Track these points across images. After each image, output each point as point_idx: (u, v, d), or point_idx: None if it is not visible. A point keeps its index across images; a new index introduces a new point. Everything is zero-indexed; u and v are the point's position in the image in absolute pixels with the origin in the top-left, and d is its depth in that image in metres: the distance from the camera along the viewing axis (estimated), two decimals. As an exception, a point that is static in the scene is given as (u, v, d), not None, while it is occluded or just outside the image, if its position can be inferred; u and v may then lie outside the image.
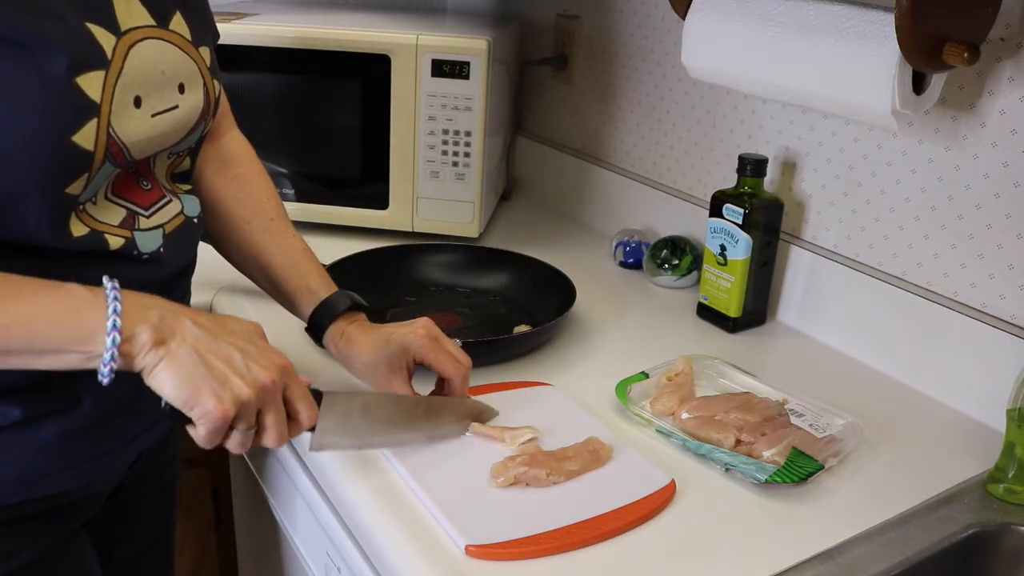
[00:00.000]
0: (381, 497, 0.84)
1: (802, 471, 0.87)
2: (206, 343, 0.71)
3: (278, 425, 0.75)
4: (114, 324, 0.67)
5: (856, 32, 0.95)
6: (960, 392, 1.04)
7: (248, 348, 0.74)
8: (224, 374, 0.71)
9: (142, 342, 0.69)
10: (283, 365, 0.75)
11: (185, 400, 0.70)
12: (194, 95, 0.84)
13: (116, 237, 0.78)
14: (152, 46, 0.78)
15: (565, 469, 0.86)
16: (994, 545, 0.86)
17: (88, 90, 0.71)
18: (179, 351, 0.70)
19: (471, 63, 1.33)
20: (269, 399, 0.74)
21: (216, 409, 0.70)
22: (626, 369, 1.04)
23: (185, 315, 0.72)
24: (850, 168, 1.14)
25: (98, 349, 0.67)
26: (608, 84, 1.51)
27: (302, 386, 0.78)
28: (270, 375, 0.73)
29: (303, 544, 1.06)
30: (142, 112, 0.77)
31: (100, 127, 0.72)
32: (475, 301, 1.26)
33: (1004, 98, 0.97)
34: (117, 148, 0.75)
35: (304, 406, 0.77)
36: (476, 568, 0.76)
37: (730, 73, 1.11)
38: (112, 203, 0.79)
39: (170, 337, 0.70)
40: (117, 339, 0.67)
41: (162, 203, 0.84)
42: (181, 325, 0.71)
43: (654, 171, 1.46)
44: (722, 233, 1.18)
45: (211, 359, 0.71)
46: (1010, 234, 0.98)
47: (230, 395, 0.70)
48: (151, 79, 0.77)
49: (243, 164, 1.04)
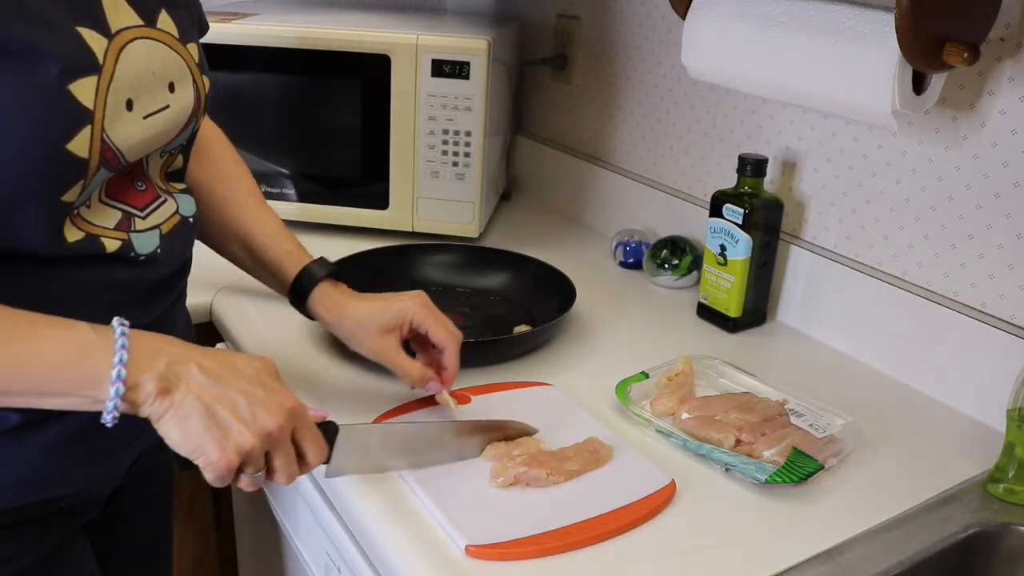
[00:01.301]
0: (381, 497, 0.84)
1: (802, 471, 0.87)
2: (212, 391, 0.70)
3: (287, 467, 0.74)
4: (119, 374, 0.66)
5: (856, 32, 0.95)
6: (960, 392, 1.04)
7: (255, 393, 0.72)
8: (228, 424, 0.70)
9: (147, 392, 0.68)
10: (291, 408, 0.73)
11: (190, 451, 0.70)
12: (184, 93, 0.83)
13: (112, 240, 0.77)
14: (142, 46, 0.77)
15: (565, 469, 0.86)
16: (994, 545, 0.86)
17: (81, 97, 0.69)
18: (184, 402, 0.69)
19: (471, 63, 1.33)
20: (276, 444, 0.73)
21: (220, 460, 0.69)
22: (626, 369, 1.04)
23: (193, 360, 0.71)
24: (850, 168, 1.14)
25: (102, 395, 0.67)
26: (608, 84, 1.51)
27: (311, 426, 0.76)
28: (276, 421, 0.71)
29: (303, 544, 1.06)
30: (134, 115, 0.76)
31: (94, 133, 0.71)
32: (475, 301, 1.26)
33: (1004, 98, 0.97)
34: (112, 153, 0.74)
35: (312, 448, 0.76)
36: (476, 568, 0.76)
37: (730, 73, 1.11)
38: (106, 206, 0.78)
39: (175, 386, 0.69)
40: (121, 389, 0.66)
41: (157, 203, 0.83)
42: (188, 372, 0.70)
43: (654, 171, 1.46)
44: (722, 233, 1.18)
45: (216, 408, 0.69)
46: (1010, 234, 0.98)
47: (234, 445, 0.70)
48: (142, 80, 0.76)
49: (214, 146, 1.04)
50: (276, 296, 1.22)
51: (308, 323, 1.16)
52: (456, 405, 0.94)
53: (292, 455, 0.75)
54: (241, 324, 1.16)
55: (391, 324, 0.93)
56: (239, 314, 1.18)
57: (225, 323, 1.18)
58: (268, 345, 1.11)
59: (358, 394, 1.01)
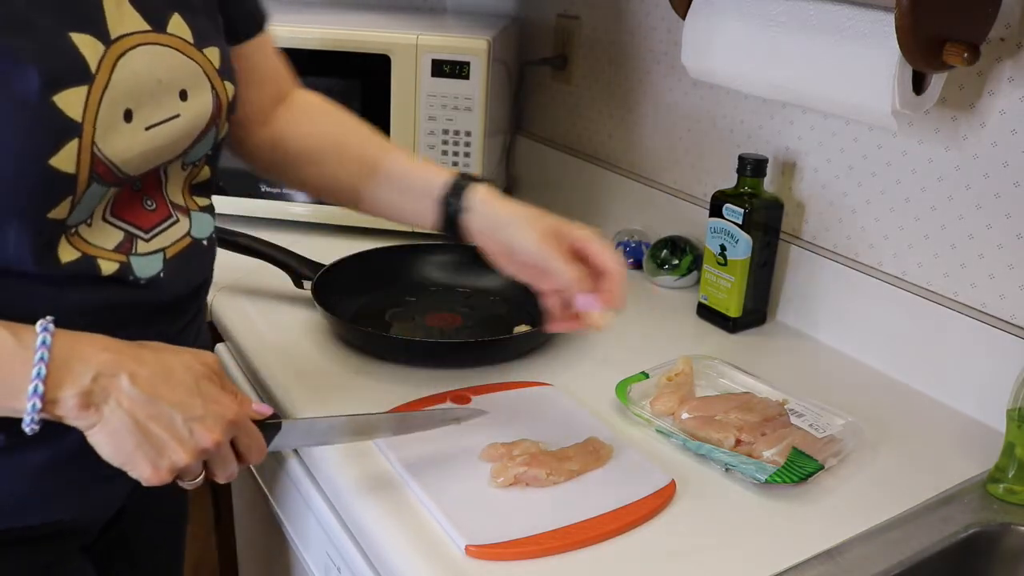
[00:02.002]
0: (381, 497, 0.84)
1: (802, 471, 0.87)
2: (144, 407, 0.66)
3: (224, 472, 0.73)
4: (35, 389, 0.63)
5: (856, 32, 0.95)
6: (960, 392, 1.04)
7: (192, 406, 0.68)
8: (162, 442, 0.67)
9: (68, 407, 0.65)
10: (231, 420, 0.71)
11: (120, 464, 0.68)
12: (199, 101, 0.78)
13: (109, 262, 0.73)
14: (146, 53, 0.72)
15: (565, 469, 0.86)
16: (994, 545, 0.86)
17: (67, 109, 0.65)
18: (112, 418, 0.66)
19: (471, 63, 1.33)
20: (213, 456, 0.71)
21: (152, 477, 0.68)
22: (626, 369, 1.04)
23: (125, 370, 0.66)
24: (850, 168, 1.14)
25: (21, 408, 0.64)
26: (608, 84, 1.51)
27: (250, 432, 0.74)
28: (213, 437, 0.69)
29: (303, 544, 1.06)
30: (133, 126, 0.71)
31: (82, 147, 0.67)
32: (475, 301, 1.26)
33: (1004, 98, 0.97)
34: (104, 167, 0.69)
35: (251, 453, 0.74)
36: (476, 568, 0.76)
37: (730, 73, 1.11)
38: (109, 224, 0.74)
39: (102, 401, 0.66)
40: (38, 404, 0.64)
41: (166, 224, 0.79)
42: (117, 386, 0.66)
43: (654, 171, 1.45)
44: (722, 233, 1.18)
45: (148, 426, 0.66)
46: (1010, 234, 0.98)
47: (167, 463, 0.68)
48: (145, 89, 0.72)
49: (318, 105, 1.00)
50: (278, 299, 1.22)
51: (308, 323, 1.16)
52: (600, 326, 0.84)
53: (230, 459, 0.72)
54: (241, 324, 1.16)
55: (559, 229, 0.85)
56: (239, 314, 1.18)
57: (225, 323, 1.18)
58: (268, 345, 1.11)
59: (357, 394, 1.01)
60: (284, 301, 1.22)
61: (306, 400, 0.99)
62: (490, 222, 0.87)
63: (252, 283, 1.25)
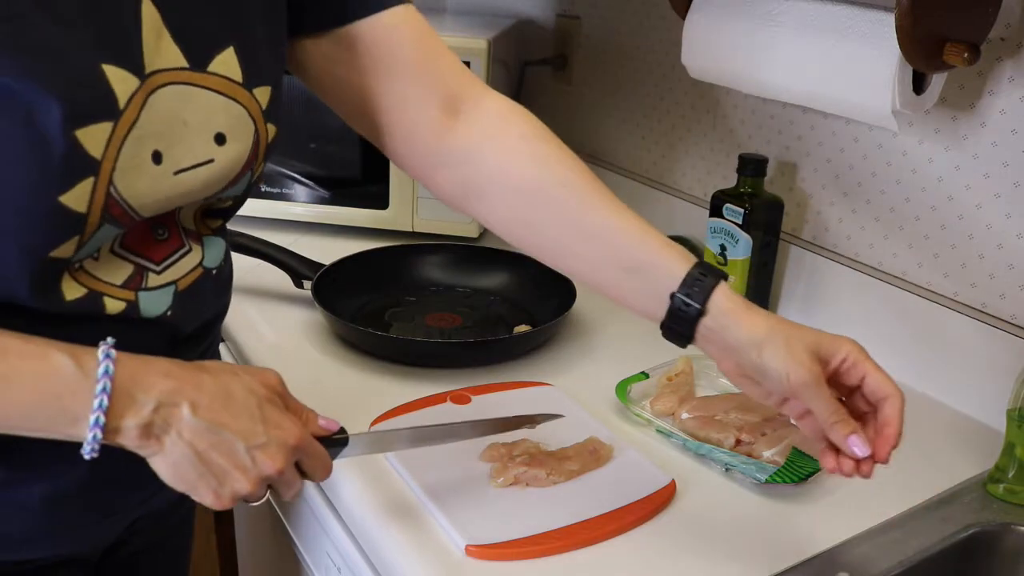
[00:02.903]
0: (381, 497, 0.84)
1: (802, 471, 0.87)
2: (205, 437, 0.64)
3: (289, 492, 0.70)
4: (97, 420, 0.61)
5: (856, 32, 0.95)
6: (960, 392, 1.04)
7: (255, 433, 0.66)
8: (223, 471, 0.65)
9: (129, 437, 0.63)
10: (294, 446, 0.68)
11: (184, 490, 0.66)
12: (237, 146, 0.71)
13: (116, 300, 0.69)
14: (175, 93, 0.66)
15: (565, 469, 0.86)
16: (994, 545, 0.86)
17: (88, 145, 0.60)
18: (174, 449, 0.64)
19: (471, 63, 1.33)
20: (275, 481, 0.69)
21: (215, 504, 0.67)
22: (626, 369, 1.04)
23: (186, 398, 0.64)
24: (850, 168, 1.14)
25: (81, 436, 0.61)
26: (608, 84, 1.51)
27: (316, 453, 0.71)
28: (276, 465, 0.66)
29: (303, 544, 1.06)
30: (163, 169, 0.66)
31: (98, 186, 0.62)
32: (475, 301, 1.26)
33: (1004, 98, 0.97)
34: (120, 209, 0.64)
35: (317, 473, 0.71)
36: (476, 568, 0.76)
37: (730, 73, 1.11)
38: (118, 258, 0.69)
39: (164, 432, 0.63)
40: (99, 435, 0.61)
41: (179, 254, 0.74)
42: (178, 416, 0.63)
43: (654, 171, 1.46)
44: (722, 233, 1.18)
45: (210, 455, 0.64)
46: (1010, 234, 0.98)
47: (229, 491, 0.66)
48: (174, 131, 0.66)
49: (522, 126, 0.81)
50: (278, 299, 1.22)
51: (309, 325, 1.16)
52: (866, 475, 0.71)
53: (295, 481, 0.70)
54: (241, 324, 1.16)
55: (827, 352, 0.69)
56: (239, 314, 1.18)
57: (225, 323, 1.17)
58: (268, 346, 1.11)
59: (358, 395, 1.01)
60: (284, 301, 1.22)
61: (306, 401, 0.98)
62: (733, 339, 0.71)
63: (252, 283, 1.25)
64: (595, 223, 0.76)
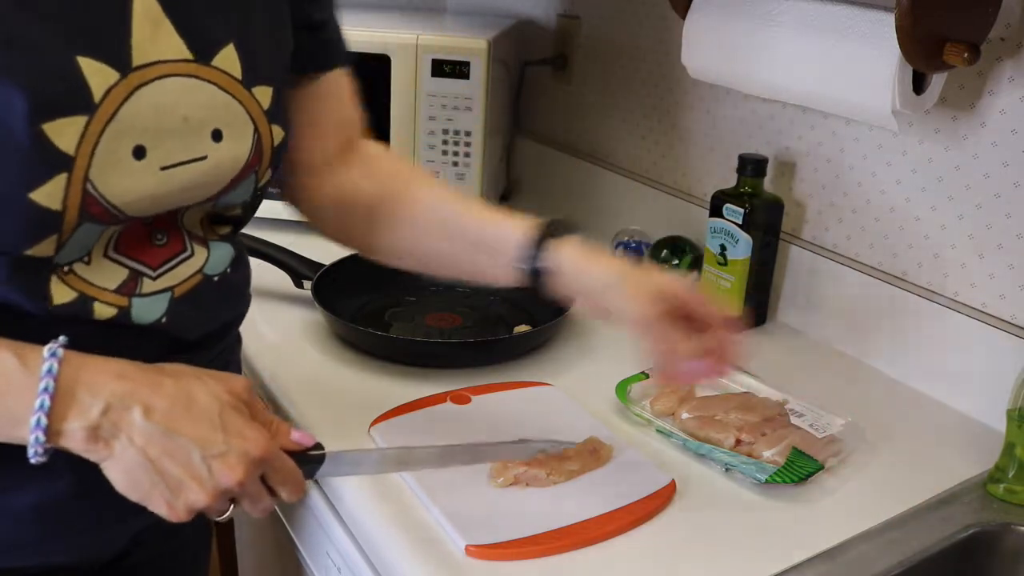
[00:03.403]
0: (381, 497, 0.84)
1: (802, 471, 0.87)
2: (159, 443, 0.61)
3: (255, 507, 0.67)
4: (38, 422, 0.59)
5: (856, 32, 0.95)
6: (960, 392, 1.04)
7: (213, 441, 0.62)
8: (178, 480, 0.62)
9: (76, 439, 0.60)
10: (258, 457, 0.64)
11: (137, 500, 0.63)
12: (236, 144, 0.70)
13: (106, 306, 0.67)
14: (177, 85, 0.64)
15: (565, 469, 0.86)
16: (994, 545, 0.86)
17: (57, 139, 0.58)
18: (124, 455, 0.61)
19: (471, 63, 1.33)
20: (238, 495, 0.65)
21: (169, 516, 0.63)
22: (626, 369, 1.04)
23: (139, 401, 0.61)
24: (850, 168, 1.14)
25: (24, 438, 0.59)
26: (608, 84, 1.51)
27: (284, 467, 0.67)
28: (235, 476, 0.63)
29: (303, 544, 1.06)
30: (145, 164, 0.63)
31: (72, 182, 0.60)
32: (475, 301, 1.26)
33: (1004, 98, 0.97)
34: (100, 208, 0.62)
35: (285, 489, 0.68)
36: (476, 568, 0.76)
37: (730, 73, 1.11)
38: (112, 262, 0.67)
39: (113, 436, 0.60)
40: (41, 437, 0.59)
41: (177, 260, 0.71)
42: (129, 420, 0.60)
43: (654, 171, 1.46)
44: (722, 233, 1.18)
45: (163, 463, 0.61)
46: (1010, 234, 0.98)
47: (183, 503, 0.63)
48: (165, 126, 0.64)
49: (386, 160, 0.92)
50: (278, 299, 1.22)
51: (309, 325, 1.16)
52: None
53: (261, 496, 0.67)
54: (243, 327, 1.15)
55: (667, 292, 0.76)
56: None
57: (225, 323, 1.18)
58: (268, 345, 1.11)
59: (358, 395, 1.01)
60: (284, 301, 1.22)
61: (306, 401, 0.99)
62: (583, 286, 0.78)
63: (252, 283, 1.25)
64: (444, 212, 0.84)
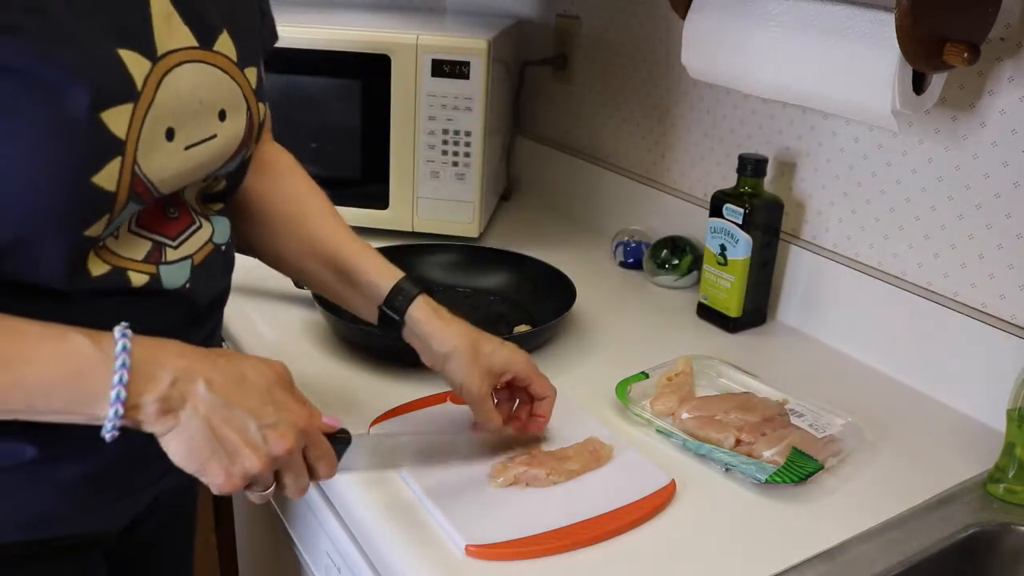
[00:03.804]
0: (381, 497, 0.84)
1: (802, 471, 0.87)
2: (220, 412, 0.66)
3: (296, 484, 0.72)
4: (118, 395, 0.63)
5: (856, 32, 0.95)
6: (960, 392, 1.04)
7: (266, 413, 0.68)
8: (235, 447, 0.67)
9: (148, 412, 0.65)
10: (303, 428, 0.70)
11: (194, 471, 0.68)
12: (236, 122, 0.77)
13: (140, 274, 0.72)
14: (191, 71, 0.71)
15: (565, 469, 0.86)
16: (994, 545, 0.86)
17: (112, 126, 0.64)
18: (189, 423, 0.66)
19: (471, 63, 1.33)
20: (285, 466, 0.70)
21: (225, 483, 0.68)
22: (626, 369, 1.04)
23: (201, 375, 0.66)
24: (850, 168, 1.14)
25: (101, 414, 0.63)
26: (608, 84, 1.51)
27: (322, 443, 0.73)
28: (286, 444, 0.68)
29: (303, 544, 1.06)
30: (175, 145, 0.70)
31: (124, 166, 0.65)
32: (475, 301, 1.26)
33: (1004, 98, 0.97)
34: (144, 187, 0.68)
35: (322, 465, 0.73)
36: (476, 568, 0.76)
37: (730, 73, 1.11)
38: (136, 236, 0.72)
39: (180, 406, 0.65)
40: (120, 411, 0.63)
41: (191, 230, 0.77)
42: (194, 391, 0.66)
43: (654, 171, 1.46)
44: (722, 233, 1.18)
45: (223, 431, 0.66)
46: (1010, 234, 0.98)
47: (240, 469, 0.67)
48: (187, 108, 0.70)
49: (282, 165, 0.97)
50: (277, 298, 1.22)
51: (309, 325, 1.16)
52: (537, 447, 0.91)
53: (303, 471, 0.72)
54: (241, 324, 1.16)
55: (498, 369, 0.87)
56: (239, 314, 1.18)
57: (227, 326, 1.18)
58: (268, 346, 1.11)
59: (358, 394, 1.01)
60: (284, 301, 1.22)
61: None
62: (427, 349, 0.88)
63: (252, 283, 1.25)
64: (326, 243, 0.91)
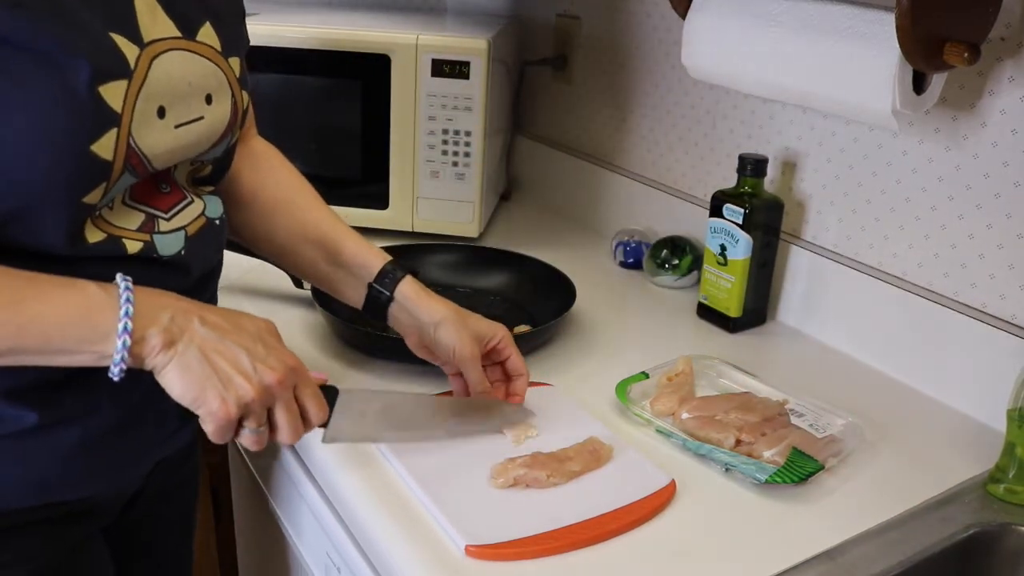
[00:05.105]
0: (381, 497, 0.84)
1: (802, 471, 0.87)
2: (213, 343, 0.72)
3: (291, 422, 0.76)
4: (125, 327, 0.68)
5: (856, 32, 0.95)
6: (960, 392, 1.04)
7: (256, 348, 0.74)
8: (229, 375, 0.72)
9: (152, 344, 0.70)
10: (292, 366, 0.76)
11: (191, 400, 0.72)
12: (221, 107, 0.82)
13: (134, 241, 0.77)
14: (179, 57, 0.76)
15: (566, 471, 0.86)
16: (994, 545, 0.86)
17: (109, 99, 0.69)
18: (186, 352, 0.71)
19: (471, 63, 1.33)
20: (277, 398, 0.75)
21: (220, 410, 0.71)
22: (626, 369, 1.04)
23: (195, 313, 0.73)
24: (850, 168, 1.14)
25: (109, 350, 0.68)
26: (608, 84, 1.51)
27: (312, 384, 0.78)
28: (276, 375, 0.73)
29: (303, 544, 1.06)
30: (165, 123, 0.75)
31: (120, 137, 0.71)
32: (475, 301, 1.26)
33: (1004, 98, 0.97)
34: (137, 159, 0.73)
35: (312, 404, 0.78)
36: (476, 568, 0.76)
37: (730, 73, 1.11)
38: (129, 208, 0.77)
39: (179, 338, 0.71)
40: (128, 342, 0.68)
41: (183, 205, 0.82)
42: (190, 325, 0.72)
43: (654, 171, 1.46)
44: (722, 233, 1.18)
45: (217, 360, 0.72)
46: (1010, 234, 0.98)
47: (234, 396, 0.72)
48: (177, 90, 0.76)
49: (275, 159, 1.03)
50: (278, 299, 1.22)
51: (309, 325, 1.16)
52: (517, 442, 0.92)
53: (295, 410, 0.76)
54: (241, 324, 1.16)
55: (484, 335, 0.94)
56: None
57: (225, 323, 1.18)
58: (268, 345, 1.11)
59: (358, 394, 1.01)
60: (284, 301, 1.22)
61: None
62: (416, 320, 0.94)
63: (252, 283, 1.25)
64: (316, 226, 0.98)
